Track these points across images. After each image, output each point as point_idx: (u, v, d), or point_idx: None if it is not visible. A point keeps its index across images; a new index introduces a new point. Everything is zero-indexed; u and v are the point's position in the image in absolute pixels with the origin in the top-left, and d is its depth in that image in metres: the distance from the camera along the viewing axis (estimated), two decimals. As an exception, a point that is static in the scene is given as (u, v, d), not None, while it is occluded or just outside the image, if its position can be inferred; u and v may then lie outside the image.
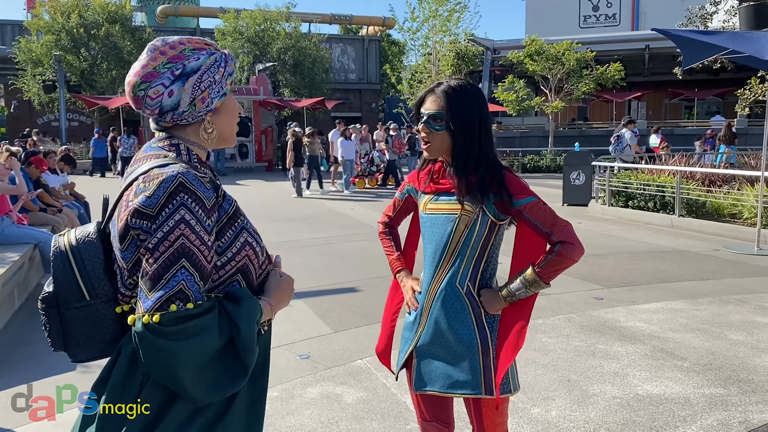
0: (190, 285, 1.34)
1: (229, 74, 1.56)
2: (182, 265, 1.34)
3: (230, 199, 1.50)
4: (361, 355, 4.50)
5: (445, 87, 2.03)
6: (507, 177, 2.03)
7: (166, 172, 1.39)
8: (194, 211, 1.37)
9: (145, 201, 1.36)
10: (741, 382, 3.94)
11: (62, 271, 1.46)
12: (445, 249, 2.06)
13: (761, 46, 8.06)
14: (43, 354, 4.76)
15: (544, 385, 3.91)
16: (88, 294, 1.45)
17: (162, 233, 1.34)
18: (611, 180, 12.02)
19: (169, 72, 1.49)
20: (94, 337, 1.47)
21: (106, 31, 26.90)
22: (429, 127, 2.02)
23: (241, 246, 1.48)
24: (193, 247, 1.36)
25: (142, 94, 1.49)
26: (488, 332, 2.06)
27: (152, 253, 1.34)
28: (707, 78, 28.05)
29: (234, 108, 1.62)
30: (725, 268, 7.31)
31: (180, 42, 1.54)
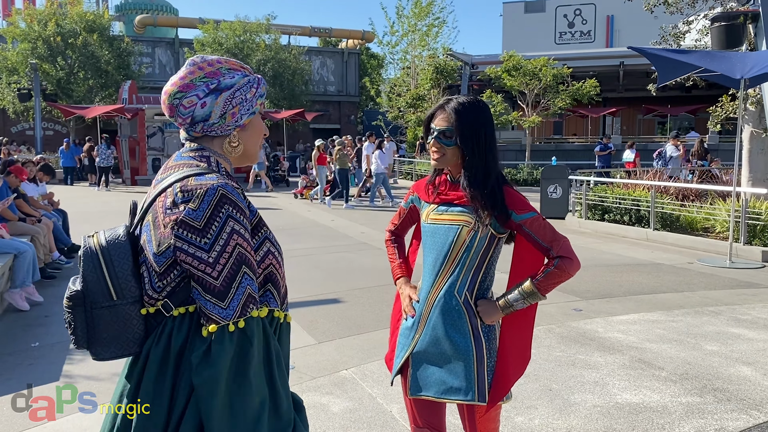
0: (254, 288, 1.47)
1: (260, 96, 1.65)
2: (244, 272, 1.46)
3: (254, 210, 1.58)
4: (346, 365, 4.54)
5: (455, 104, 2.12)
6: (509, 192, 2.12)
7: (206, 183, 1.47)
8: (240, 221, 1.47)
9: (191, 213, 1.44)
10: (716, 391, 4.05)
11: (92, 271, 1.50)
12: (445, 258, 2.13)
13: (732, 65, 8.32)
14: (25, 364, 4.73)
15: (527, 394, 3.99)
16: (116, 294, 1.50)
17: (220, 246, 1.43)
18: (588, 194, 12.23)
19: (204, 85, 1.57)
20: (119, 336, 1.52)
21: (84, 40, 26.69)
22: (440, 143, 2.12)
23: (265, 255, 1.56)
24: (247, 253, 1.47)
25: (177, 102, 1.58)
26: (483, 341, 2.13)
27: (214, 267, 1.43)
28: (680, 95, 28.63)
29: (260, 128, 1.70)
30: (699, 281, 7.49)
31: (218, 60, 1.63)
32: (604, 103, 30.90)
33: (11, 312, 6.15)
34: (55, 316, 5.98)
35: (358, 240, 10.37)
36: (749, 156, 10.66)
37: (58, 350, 5.01)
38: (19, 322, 5.83)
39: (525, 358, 2.23)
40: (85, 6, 30.00)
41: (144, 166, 21.96)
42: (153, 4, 43.21)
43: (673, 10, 12.51)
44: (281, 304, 1.60)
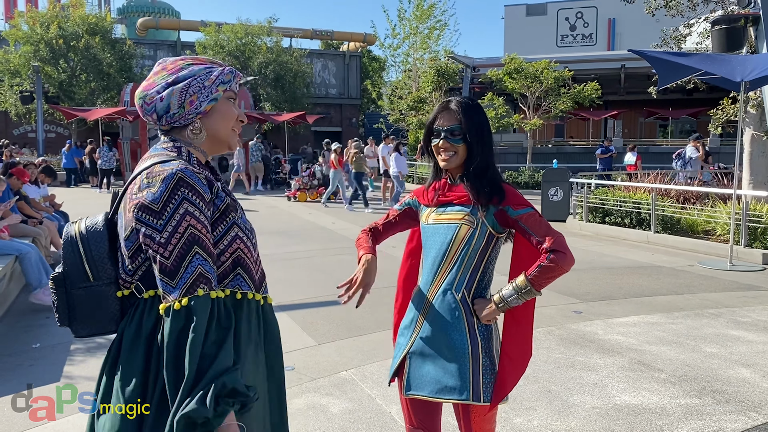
0: (207, 268, 1.51)
1: (221, 82, 1.69)
2: (196, 251, 1.50)
3: (222, 196, 1.63)
4: (345, 366, 4.56)
5: (458, 103, 2.18)
6: (506, 188, 2.17)
7: (167, 168, 1.54)
8: (196, 203, 1.52)
9: (150, 197, 1.51)
10: (715, 393, 4.06)
11: (71, 255, 1.63)
12: (444, 255, 2.16)
13: (732, 68, 8.33)
14: (25, 365, 4.74)
15: (526, 396, 4.00)
16: (92, 276, 1.62)
17: (171, 227, 1.49)
18: (589, 196, 12.24)
19: (163, 81, 1.67)
20: (95, 315, 1.63)
21: (86, 42, 26.71)
22: (449, 141, 2.16)
23: (232, 239, 1.61)
24: (201, 234, 1.52)
25: (141, 102, 1.69)
26: (480, 340, 2.13)
27: (165, 247, 1.49)
28: (681, 98, 28.69)
29: (228, 112, 1.73)
30: (699, 283, 7.50)
31: (182, 58, 1.72)
32: (605, 105, 30.93)
33: (13, 313, 6.17)
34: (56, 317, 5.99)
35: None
36: (750, 159, 10.67)
37: (59, 351, 5.03)
38: (21, 323, 5.86)
39: (526, 357, 2.24)
40: (87, 9, 30.07)
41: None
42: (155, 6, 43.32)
43: (674, 13, 12.54)
44: (257, 287, 1.67)
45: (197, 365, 1.44)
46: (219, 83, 1.69)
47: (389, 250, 9.45)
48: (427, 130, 2.23)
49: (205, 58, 1.75)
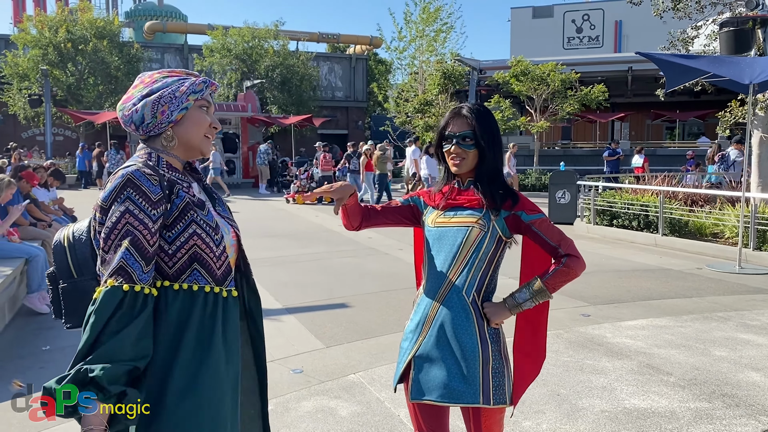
0: (130, 262, 1.61)
1: (192, 92, 1.81)
2: (125, 246, 1.62)
3: (183, 195, 1.74)
4: (354, 369, 4.56)
5: (470, 109, 2.21)
6: (518, 194, 2.21)
7: (120, 172, 1.68)
8: (138, 203, 1.64)
9: (102, 197, 1.68)
10: (725, 397, 4.04)
11: (59, 254, 1.84)
12: (454, 258, 2.15)
13: (741, 70, 8.30)
14: (35, 367, 4.77)
15: (535, 399, 3.99)
16: (76, 273, 1.82)
17: (111, 223, 1.64)
18: (596, 199, 12.21)
19: (139, 94, 1.79)
20: (80, 307, 1.77)
21: (94, 46, 26.90)
22: (461, 147, 2.17)
23: (189, 236, 1.71)
24: (136, 231, 1.63)
25: (121, 114, 1.82)
26: (489, 343, 2.13)
27: (105, 240, 1.64)
28: (689, 100, 28.58)
29: (199, 120, 1.84)
30: (708, 286, 7.47)
31: (159, 72, 1.85)
32: (612, 108, 30.82)
33: (22, 316, 6.21)
34: (66, 320, 6.03)
35: (366, 245, 10.39)
36: (759, 161, 10.62)
37: (69, 354, 5.01)
38: (31, 325, 5.89)
39: (540, 359, 2.27)
40: (95, 13, 30.24)
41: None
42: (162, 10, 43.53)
43: (681, 15, 12.49)
44: (220, 281, 1.77)
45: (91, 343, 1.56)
46: (190, 93, 1.80)
47: (395, 252, 9.50)
48: (439, 136, 2.24)
49: (181, 70, 1.87)
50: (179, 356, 1.69)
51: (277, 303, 6.40)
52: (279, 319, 5.91)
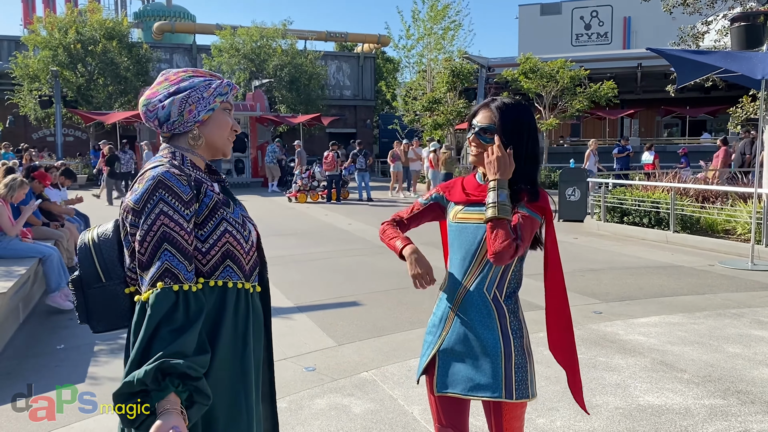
0: (174, 263, 1.62)
1: (219, 93, 1.83)
2: (165, 248, 1.62)
3: (211, 195, 1.75)
4: (366, 367, 4.57)
5: (498, 103, 2.16)
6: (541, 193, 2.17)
7: (150, 174, 1.69)
8: (171, 204, 1.65)
9: (133, 199, 1.67)
10: (740, 393, 4.03)
11: (85, 259, 1.81)
12: (474, 256, 2.14)
13: (753, 66, 8.25)
14: (51, 366, 4.81)
15: (548, 397, 3.99)
16: (104, 277, 1.79)
17: (147, 225, 1.63)
18: (606, 196, 12.17)
19: (165, 91, 1.80)
20: (108, 312, 1.80)
21: (103, 47, 27.01)
22: (479, 138, 2.16)
23: (221, 234, 1.74)
24: (173, 232, 1.64)
25: (145, 109, 1.81)
26: (512, 338, 2.13)
27: (141, 243, 1.64)
28: (699, 96, 28.41)
29: (224, 122, 1.86)
30: (721, 283, 7.43)
31: (184, 71, 1.87)
32: (621, 104, 30.67)
33: (36, 315, 6.26)
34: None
35: (376, 243, 10.39)
36: (771, 157, 10.54)
37: (83, 352, 5.09)
38: (46, 325, 5.93)
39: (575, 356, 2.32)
40: (104, 14, 30.38)
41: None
42: (171, 11, 43.69)
43: (691, 11, 12.43)
44: (247, 277, 1.80)
45: (145, 344, 1.55)
46: (217, 95, 1.82)
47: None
48: (468, 124, 2.23)
49: (205, 71, 1.88)
50: (217, 350, 1.70)
51: (289, 301, 6.42)
52: (291, 317, 5.93)
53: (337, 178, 18.17)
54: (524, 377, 2.13)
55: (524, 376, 2.13)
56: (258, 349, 1.85)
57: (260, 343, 1.87)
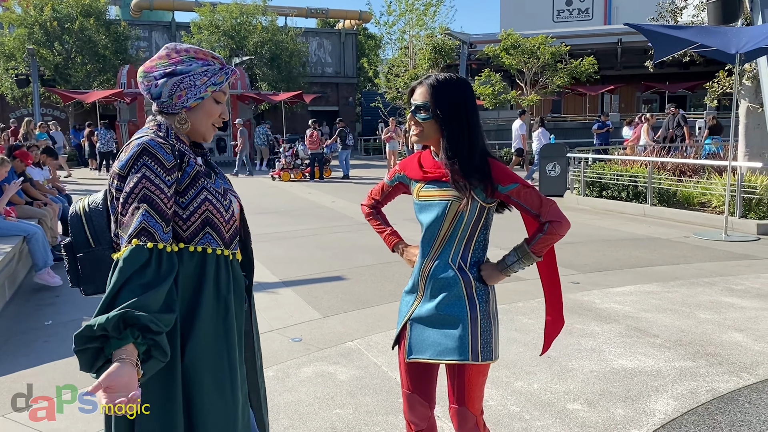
0: (151, 223, 1.71)
1: (212, 84, 1.89)
2: (143, 208, 1.71)
3: (193, 164, 1.84)
4: (351, 337, 4.70)
5: (432, 80, 2.19)
6: (493, 165, 2.19)
7: (135, 142, 1.78)
8: (154, 169, 1.74)
9: (119, 165, 1.77)
10: (709, 356, 4.21)
11: (76, 226, 1.93)
12: (438, 232, 2.22)
13: (728, 41, 8.39)
14: (39, 341, 4.87)
15: (526, 362, 4.14)
16: (93, 242, 1.92)
17: (129, 188, 1.73)
18: (586, 171, 12.35)
19: (162, 69, 1.86)
20: (97, 275, 1.91)
21: (80, 24, 26.56)
22: (415, 116, 2.21)
23: (201, 202, 1.82)
24: (153, 195, 1.72)
25: (141, 80, 1.90)
26: (477, 304, 2.23)
27: (123, 205, 1.73)
28: (678, 71, 28.62)
29: (212, 111, 1.93)
30: (695, 254, 7.64)
31: (186, 50, 1.90)
32: (602, 80, 30.86)
33: (22, 292, 6.30)
34: (66, 296, 6.13)
35: (359, 220, 10.49)
36: (745, 131, 10.76)
37: (71, 328, 5.11)
38: (32, 302, 5.98)
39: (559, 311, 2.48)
40: (80, -10, 29.80)
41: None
42: (148, -13, 42.85)
43: (670, -14, 12.53)
44: (227, 244, 1.89)
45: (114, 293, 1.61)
46: (210, 84, 1.89)
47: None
48: (407, 102, 2.30)
49: (208, 52, 1.91)
50: (200, 311, 1.80)
51: (274, 277, 6.51)
52: (276, 291, 6.03)
53: (320, 156, 18.20)
54: (488, 340, 2.22)
55: (488, 339, 2.22)
56: (240, 315, 1.94)
57: (242, 309, 1.96)
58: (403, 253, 2.51)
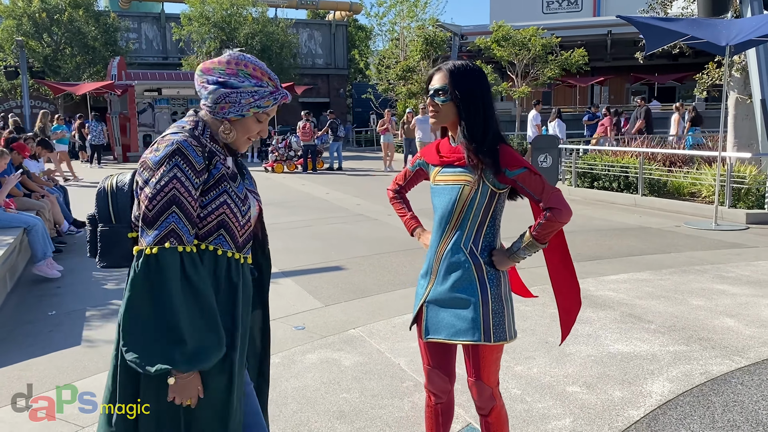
0: (180, 225, 1.80)
1: (256, 106, 1.94)
2: (173, 210, 1.79)
3: (220, 167, 1.91)
4: (353, 325, 4.79)
5: (450, 65, 2.32)
6: (504, 150, 2.30)
7: (172, 138, 1.85)
8: (185, 171, 1.81)
9: (151, 158, 1.84)
10: (702, 340, 4.34)
11: (102, 201, 2.03)
12: (450, 215, 2.33)
13: (718, 33, 8.52)
14: (45, 331, 4.93)
15: (525, 347, 4.25)
16: (115, 219, 2.01)
17: (159, 186, 1.79)
18: (577, 162, 12.48)
19: (217, 75, 1.93)
20: (113, 250, 2.02)
21: (69, 15, 26.38)
22: (434, 99, 2.32)
23: (219, 204, 1.89)
24: (183, 197, 1.80)
25: (198, 77, 1.97)
26: (489, 288, 2.34)
27: (151, 201, 1.80)
28: (667, 63, 28.80)
29: (249, 129, 1.99)
30: (686, 242, 7.79)
31: (246, 65, 1.94)
32: (592, 72, 31.01)
33: (22, 284, 6.34)
34: (67, 287, 6.18)
35: (354, 212, 10.59)
36: (734, 122, 10.92)
37: (75, 318, 5.22)
38: (33, 293, 6.03)
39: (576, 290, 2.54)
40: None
41: (135, 143, 21.98)
42: (137, -22, 42.53)
43: (660, -22, 12.64)
44: (239, 248, 1.97)
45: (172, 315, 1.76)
46: (253, 106, 1.94)
47: (384, 218, 9.71)
48: (425, 91, 2.42)
49: (266, 71, 1.97)
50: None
51: (274, 267, 6.52)
52: (277, 282, 6.10)
53: (313, 148, 18.24)
54: (501, 321, 2.33)
55: (501, 321, 2.33)
56: (246, 315, 2.03)
57: (248, 309, 2.05)
58: (420, 237, 2.62)
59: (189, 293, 1.78)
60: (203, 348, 1.79)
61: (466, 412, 3.30)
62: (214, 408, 1.88)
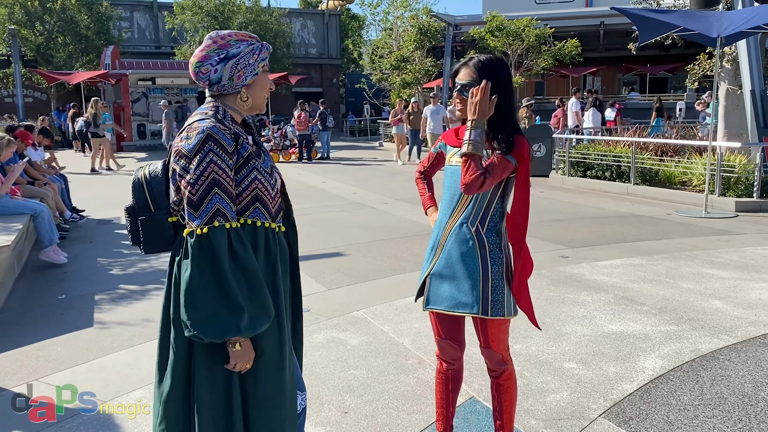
0: (223, 205, 1.95)
1: (262, 59, 2.10)
2: (216, 192, 1.94)
3: (246, 146, 2.05)
4: (356, 307, 4.96)
5: (476, 61, 2.47)
6: (517, 140, 2.46)
7: (200, 125, 1.97)
8: (219, 154, 1.95)
9: (185, 146, 1.96)
10: (692, 321, 4.54)
11: (138, 191, 2.14)
12: (460, 195, 2.51)
13: (709, 24, 8.70)
14: (57, 314, 5.07)
15: (523, 327, 4.41)
16: (153, 207, 2.13)
17: (199, 171, 1.93)
18: (570, 151, 12.67)
19: (216, 56, 2.04)
20: (155, 236, 2.13)
21: (62, 4, 26.26)
22: (461, 95, 2.48)
23: (252, 180, 2.04)
24: (221, 179, 1.95)
25: (197, 70, 2.07)
26: (490, 265, 2.50)
27: (193, 186, 1.93)
28: (659, 54, 29.01)
29: (264, 83, 2.16)
30: (677, 229, 7.99)
31: (229, 34, 2.11)
32: (584, 62, 31.18)
33: (29, 270, 6.47)
34: (74, 272, 6.32)
35: (351, 200, 10.74)
36: (725, 112, 11.12)
37: (85, 302, 5.36)
38: (42, 278, 6.16)
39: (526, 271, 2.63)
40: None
41: (129, 132, 21.97)
42: (128, -34, 42.21)
43: (653, -30, 12.80)
44: (273, 218, 2.12)
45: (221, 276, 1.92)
46: (260, 60, 2.09)
47: (381, 206, 9.88)
48: (451, 83, 2.57)
49: (245, 33, 2.11)
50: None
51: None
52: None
53: (308, 137, 18.35)
54: (500, 298, 2.49)
55: (500, 297, 2.49)
56: (285, 278, 2.20)
57: (287, 273, 2.22)
58: (431, 215, 2.78)
59: (237, 265, 1.94)
60: (256, 314, 1.96)
61: (469, 386, 3.47)
62: (270, 364, 2.07)
